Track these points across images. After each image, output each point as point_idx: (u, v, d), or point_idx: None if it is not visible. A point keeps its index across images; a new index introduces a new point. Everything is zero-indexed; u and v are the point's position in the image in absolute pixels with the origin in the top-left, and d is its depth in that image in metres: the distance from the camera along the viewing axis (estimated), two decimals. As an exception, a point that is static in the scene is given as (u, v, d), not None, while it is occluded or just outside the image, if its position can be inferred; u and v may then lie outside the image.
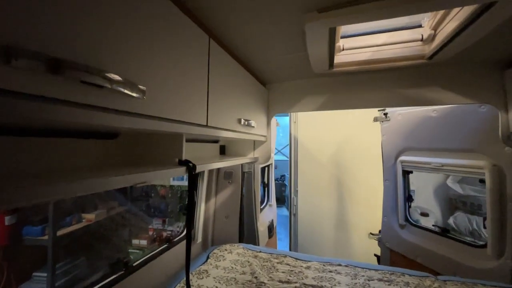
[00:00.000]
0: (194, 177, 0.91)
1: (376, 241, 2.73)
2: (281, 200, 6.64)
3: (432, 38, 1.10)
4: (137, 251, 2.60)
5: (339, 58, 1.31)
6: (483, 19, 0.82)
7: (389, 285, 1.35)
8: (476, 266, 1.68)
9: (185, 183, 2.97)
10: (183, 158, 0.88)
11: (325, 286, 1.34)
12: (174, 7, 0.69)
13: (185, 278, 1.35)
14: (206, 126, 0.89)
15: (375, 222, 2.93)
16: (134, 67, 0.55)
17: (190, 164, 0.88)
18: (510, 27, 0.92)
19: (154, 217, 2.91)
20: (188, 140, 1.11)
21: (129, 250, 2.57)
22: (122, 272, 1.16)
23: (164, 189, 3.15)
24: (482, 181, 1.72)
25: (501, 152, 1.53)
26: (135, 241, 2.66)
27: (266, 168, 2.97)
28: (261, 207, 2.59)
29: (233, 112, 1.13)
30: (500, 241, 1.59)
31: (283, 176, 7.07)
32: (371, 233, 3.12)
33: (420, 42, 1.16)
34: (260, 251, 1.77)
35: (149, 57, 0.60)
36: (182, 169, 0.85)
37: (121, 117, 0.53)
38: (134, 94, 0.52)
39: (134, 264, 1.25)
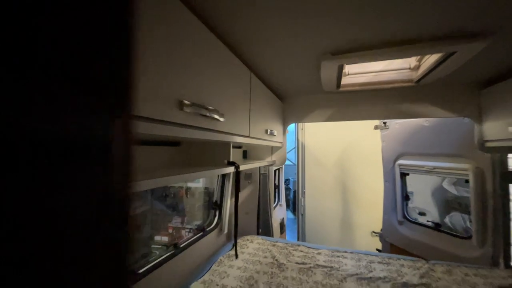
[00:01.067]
0: (237, 175, 1.22)
1: (378, 239, 3.00)
2: (286, 204, 6.88)
3: (417, 67, 1.41)
4: (159, 246, 2.88)
5: (344, 80, 1.62)
6: (452, 59, 1.13)
7: (387, 266, 1.64)
8: (463, 254, 1.96)
9: (199, 185, 3.27)
10: (231, 159, 1.19)
11: (334, 266, 1.63)
12: (236, 59, 1.01)
13: (218, 260, 1.65)
14: (249, 136, 1.21)
15: (377, 221, 3.19)
16: (217, 100, 0.87)
17: (236, 164, 1.19)
18: (479, 60, 1.23)
19: (174, 216, 3.20)
20: None
21: (152, 246, 2.86)
22: (173, 251, 1.47)
23: (181, 190, 3.45)
24: (467, 181, 2.01)
25: (482, 157, 1.82)
26: (157, 238, 2.95)
27: (277, 171, 3.27)
28: (273, 205, 2.89)
29: (263, 124, 1.44)
30: (483, 232, 1.88)
31: (287, 180, 7.33)
32: (373, 232, 3.39)
33: (408, 70, 1.48)
34: (277, 241, 2.06)
35: (223, 94, 0.92)
36: (231, 168, 1.17)
37: (211, 133, 0.84)
38: (221, 119, 0.83)
39: (181, 246, 1.55)
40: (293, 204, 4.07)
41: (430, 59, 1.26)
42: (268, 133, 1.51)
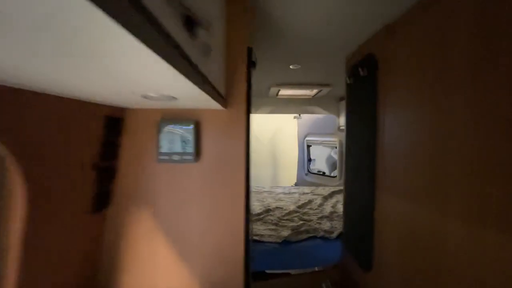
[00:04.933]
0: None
1: (294, 187, 4.75)
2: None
3: (313, 91, 2.97)
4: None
5: (280, 92, 3.06)
6: (322, 91, 2.69)
7: (298, 189, 3.25)
8: (332, 184, 3.83)
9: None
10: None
11: (272, 191, 3.12)
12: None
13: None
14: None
15: (294, 177, 4.96)
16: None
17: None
18: (333, 92, 2.83)
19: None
20: None
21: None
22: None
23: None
24: (336, 147, 3.86)
25: (340, 135, 3.64)
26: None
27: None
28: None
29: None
30: (341, 172, 3.76)
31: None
32: (292, 185, 5.17)
33: (310, 91, 3.03)
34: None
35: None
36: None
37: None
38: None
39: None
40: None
41: (315, 89, 2.82)
42: (241, 119, 2.80)
